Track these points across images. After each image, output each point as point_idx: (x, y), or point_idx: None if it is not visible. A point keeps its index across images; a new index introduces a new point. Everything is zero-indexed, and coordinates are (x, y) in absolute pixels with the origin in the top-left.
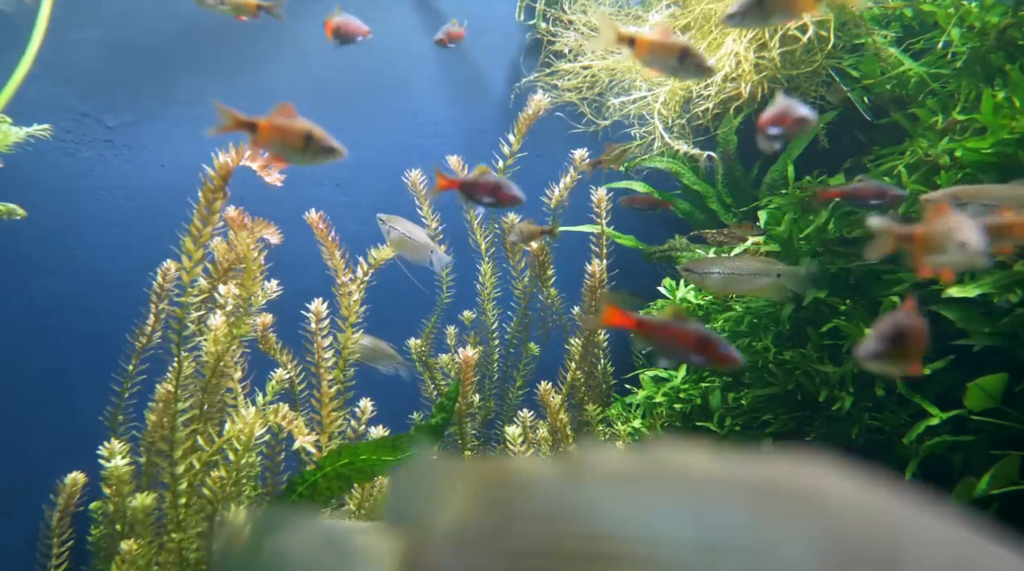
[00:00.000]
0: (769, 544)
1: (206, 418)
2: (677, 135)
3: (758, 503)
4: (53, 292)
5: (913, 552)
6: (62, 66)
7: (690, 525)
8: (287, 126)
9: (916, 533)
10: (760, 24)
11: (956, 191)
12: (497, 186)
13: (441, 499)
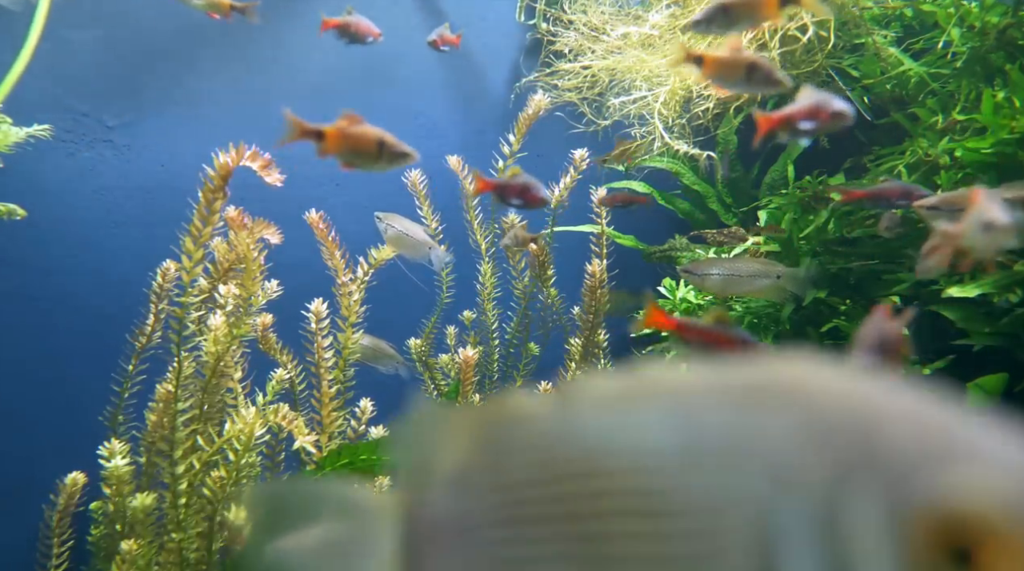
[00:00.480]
0: (748, 437)
1: (206, 418)
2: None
3: (738, 402)
4: (53, 292)
5: (885, 427)
6: (62, 66)
7: (673, 431)
8: (358, 134)
9: (890, 409)
10: (725, 31)
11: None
12: (526, 187)
13: (440, 445)
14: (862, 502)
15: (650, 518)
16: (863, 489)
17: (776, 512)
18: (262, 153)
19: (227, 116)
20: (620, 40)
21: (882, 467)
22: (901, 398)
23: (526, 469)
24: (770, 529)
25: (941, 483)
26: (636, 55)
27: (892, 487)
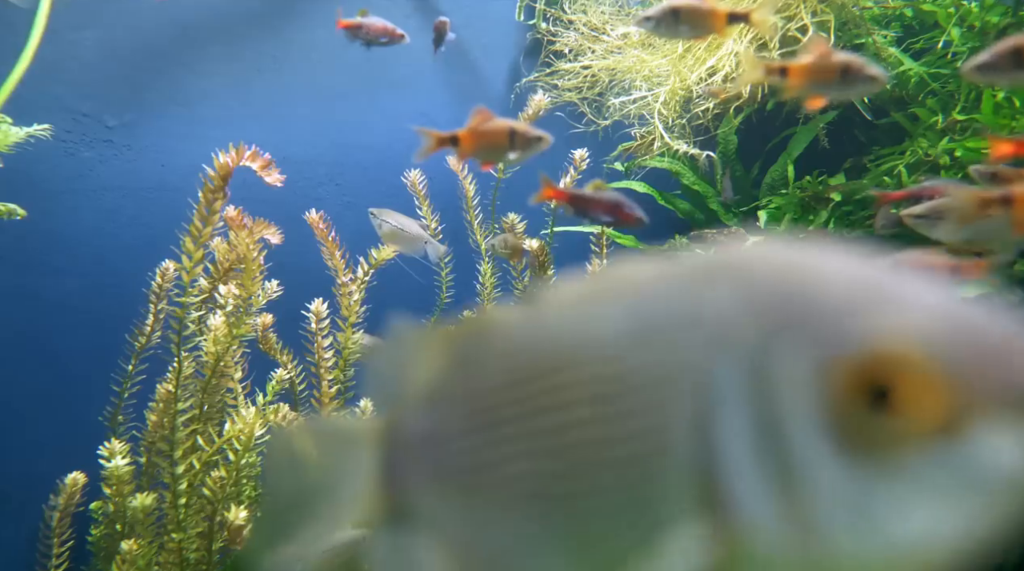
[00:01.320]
0: (690, 312)
1: (206, 418)
2: (677, 135)
3: (685, 282)
4: (53, 292)
5: (817, 284)
6: (62, 66)
7: (625, 317)
8: (488, 129)
9: (823, 269)
10: (671, 36)
11: (933, 206)
12: (617, 205)
13: (416, 365)
14: (790, 356)
15: (604, 403)
16: (791, 344)
17: (713, 378)
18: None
19: (227, 116)
20: (620, 40)
21: (809, 320)
22: (835, 259)
23: (494, 376)
24: (709, 395)
25: (860, 328)
26: (636, 55)
27: (816, 338)
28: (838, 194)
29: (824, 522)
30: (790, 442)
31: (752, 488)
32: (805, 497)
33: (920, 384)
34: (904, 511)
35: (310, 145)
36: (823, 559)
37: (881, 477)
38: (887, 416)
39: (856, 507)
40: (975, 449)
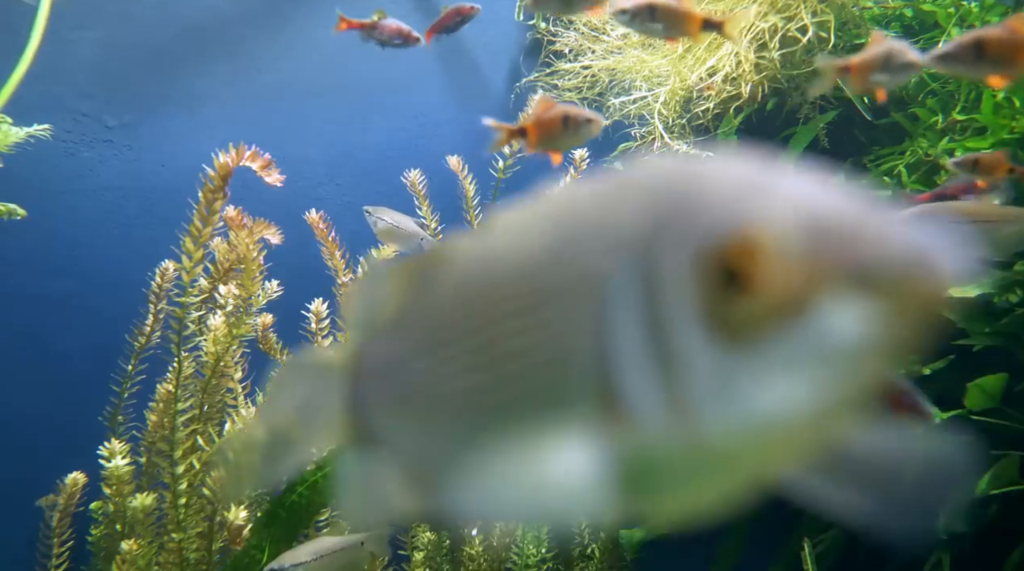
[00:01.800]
0: (600, 223)
1: (206, 418)
2: (677, 135)
3: (603, 197)
4: (53, 292)
5: (702, 185)
6: (62, 66)
7: (545, 235)
8: (546, 117)
9: (712, 173)
10: (644, 32)
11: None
12: None
13: (383, 298)
14: (669, 252)
15: (525, 315)
16: (670, 240)
17: (610, 281)
18: (262, 153)
19: (227, 116)
20: (620, 40)
21: (684, 218)
22: (725, 163)
23: (442, 301)
24: (606, 297)
25: (721, 218)
26: (636, 55)
27: (688, 232)
28: None
29: (699, 406)
30: (670, 333)
31: (640, 381)
32: (683, 384)
33: (770, 265)
34: (765, 387)
35: (310, 145)
36: (701, 440)
37: (744, 358)
38: (745, 299)
39: (725, 388)
40: (822, 324)
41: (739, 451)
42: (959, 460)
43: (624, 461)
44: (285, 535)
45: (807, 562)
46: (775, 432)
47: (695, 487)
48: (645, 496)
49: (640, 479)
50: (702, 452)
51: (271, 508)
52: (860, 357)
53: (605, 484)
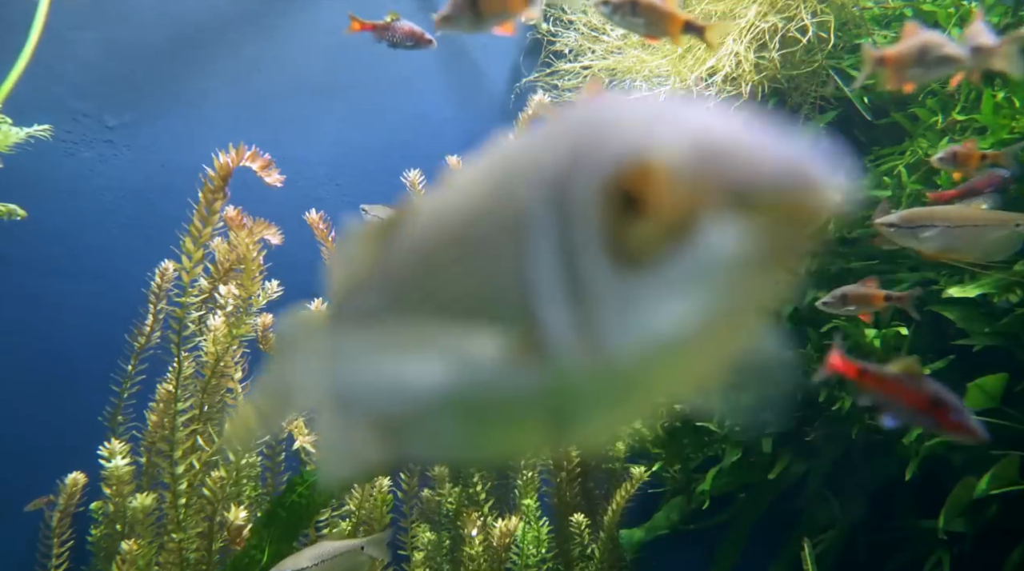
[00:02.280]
0: (531, 161)
1: (206, 418)
2: None
3: (535, 139)
4: (53, 292)
5: (616, 121)
6: (62, 66)
7: (485, 181)
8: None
9: (630, 110)
10: (625, 26)
11: (907, 215)
12: None
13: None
14: (581, 182)
15: (468, 259)
16: (582, 171)
17: (533, 215)
18: (262, 153)
19: (227, 116)
20: (620, 40)
21: (596, 148)
22: (640, 101)
23: (404, 256)
24: (528, 231)
25: (621, 147)
26: (636, 55)
27: (598, 161)
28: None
29: (604, 329)
30: (579, 260)
31: (554, 308)
32: (590, 309)
33: (660, 188)
34: (662, 307)
35: (310, 145)
36: (608, 363)
37: (643, 281)
38: (641, 222)
39: (626, 311)
40: (709, 242)
41: (644, 371)
42: (779, 359)
43: (547, 389)
44: (285, 535)
45: (807, 562)
46: (674, 350)
47: (610, 410)
48: (568, 421)
49: (562, 405)
50: (611, 375)
51: (271, 508)
52: (746, 272)
53: (536, 411)
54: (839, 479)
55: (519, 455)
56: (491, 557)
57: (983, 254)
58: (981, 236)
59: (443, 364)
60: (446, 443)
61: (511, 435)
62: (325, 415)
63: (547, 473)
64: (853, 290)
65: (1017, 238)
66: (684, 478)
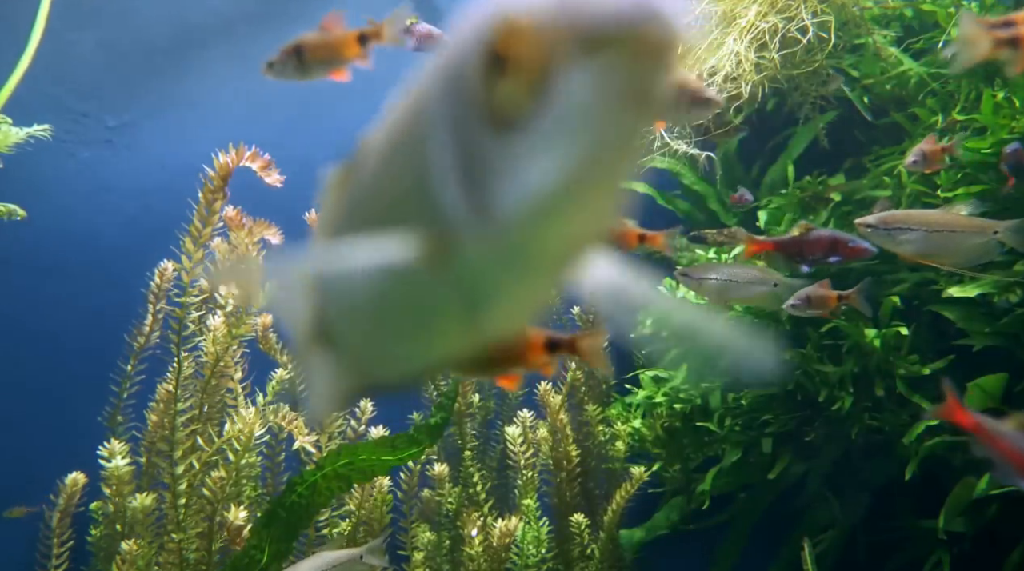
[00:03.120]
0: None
1: (206, 418)
2: (677, 135)
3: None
4: (53, 292)
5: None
6: (62, 66)
7: (412, 98)
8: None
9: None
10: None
11: (886, 217)
12: (836, 241)
13: (331, 202)
14: (464, 58)
15: (397, 173)
16: (462, 43)
17: (435, 108)
18: (262, 153)
19: (227, 116)
20: None
21: (471, 19)
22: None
23: (357, 189)
24: (432, 124)
25: (497, 9)
26: None
27: (475, 32)
28: (838, 194)
29: (493, 197)
30: (465, 133)
31: (450, 189)
32: (479, 180)
33: (522, 43)
34: (538, 163)
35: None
36: (501, 230)
37: (518, 140)
38: (511, 80)
39: (509, 173)
40: (568, 91)
41: (534, 234)
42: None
43: (458, 277)
44: (285, 535)
45: (807, 562)
46: (557, 205)
47: (515, 287)
48: (482, 306)
49: (473, 290)
50: (507, 245)
51: (271, 508)
52: (608, 115)
53: (452, 302)
54: (839, 479)
55: (451, 359)
56: (491, 557)
57: (961, 259)
58: (959, 241)
59: (367, 271)
60: (388, 354)
61: (439, 335)
62: (304, 350)
63: (547, 473)
64: (814, 292)
65: (995, 245)
66: (684, 478)
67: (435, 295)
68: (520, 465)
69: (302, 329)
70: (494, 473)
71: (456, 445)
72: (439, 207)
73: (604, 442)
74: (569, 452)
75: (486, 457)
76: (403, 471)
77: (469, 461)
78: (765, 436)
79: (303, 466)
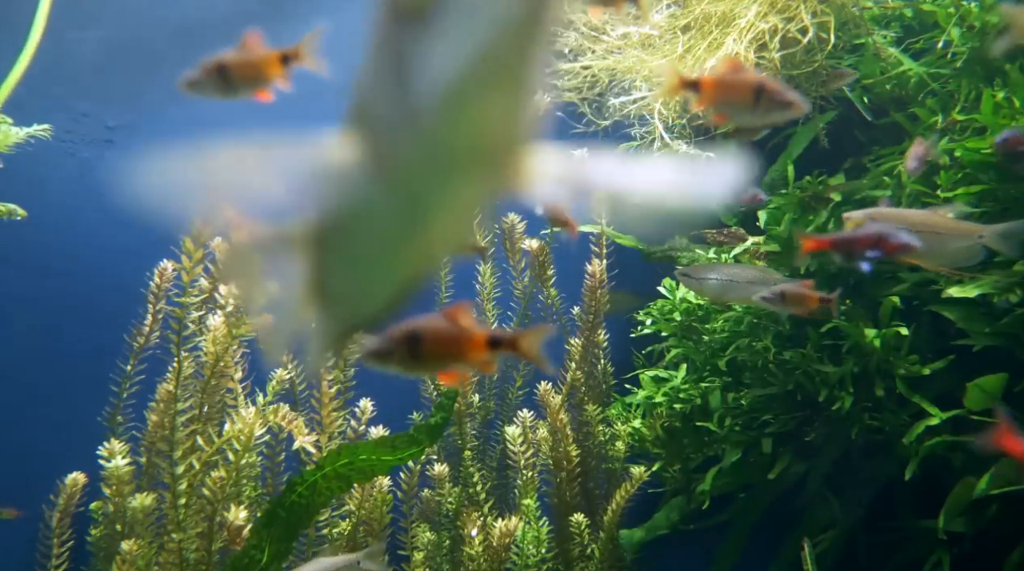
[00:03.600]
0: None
1: (206, 418)
2: (677, 135)
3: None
4: (53, 292)
5: None
6: (62, 66)
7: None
8: (734, 80)
9: None
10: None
11: (872, 213)
12: (880, 237)
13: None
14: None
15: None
16: None
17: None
18: None
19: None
20: (620, 40)
21: None
22: None
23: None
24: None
25: None
26: (636, 55)
27: None
28: (838, 194)
29: (414, 94)
30: (386, 35)
31: (377, 89)
32: (404, 80)
33: None
34: (445, 52)
35: None
36: (426, 127)
37: (428, 32)
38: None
39: (424, 67)
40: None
41: (456, 126)
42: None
43: (402, 186)
44: (285, 535)
45: (807, 562)
46: (469, 93)
47: (451, 191)
48: (426, 218)
49: (417, 200)
50: (434, 141)
51: (271, 508)
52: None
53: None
54: (839, 479)
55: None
56: (491, 557)
57: (945, 261)
58: (944, 244)
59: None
60: (364, 289)
61: (399, 256)
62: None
63: (547, 473)
64: (791, 289)
65: (979, 249)
66: (684, 478)
67: (388, 212)
68: (520, 465)
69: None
70: (494, 473)
71: (456, 445)
72: (378, 108)
73: (604, 442)
74: (569, 452)
75: (486, 457)
76: (403, 471)
77: (469, 461)
78: (765, 436)
79: (303, 466)
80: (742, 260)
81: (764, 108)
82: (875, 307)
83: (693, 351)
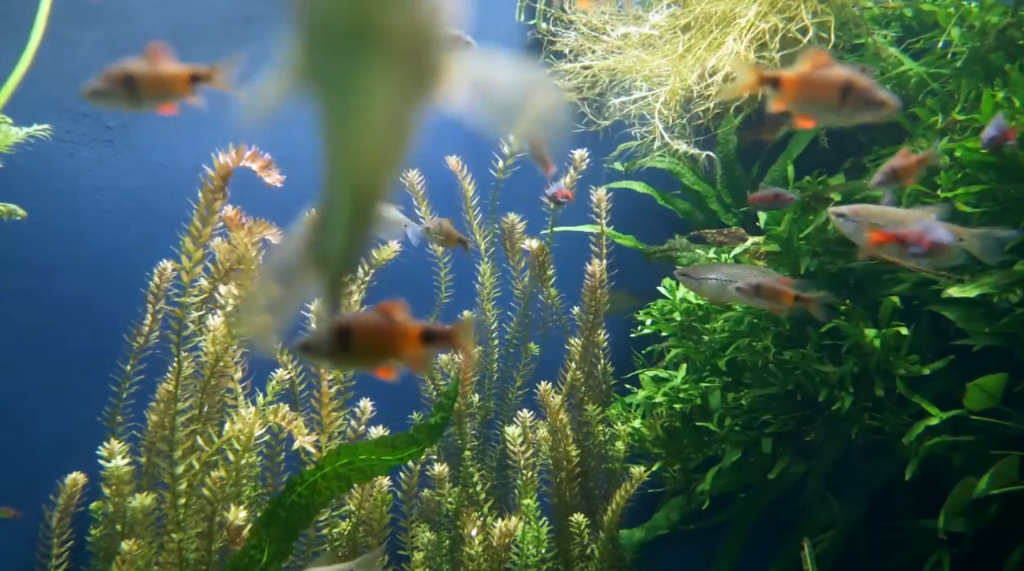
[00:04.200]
0: None
1: (206, 418)
2: (677, 135)
3: None
4: (53, 292)
5: None
6: (62, 66)
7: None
8: (819, 78)
9: None
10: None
11: (858, 208)
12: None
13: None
14: None
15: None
16: None
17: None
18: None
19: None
20: (620, 40)
21: None
22: None
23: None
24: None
25: None
26: (636, 55)
27: None
28: (838, 194)
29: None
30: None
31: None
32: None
33: None
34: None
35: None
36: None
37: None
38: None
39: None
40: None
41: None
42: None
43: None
44: (285, 535)
45: (807, 562)
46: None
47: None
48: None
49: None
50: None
51: (271, 508)
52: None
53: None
54: (839, 479)
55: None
56: (491, 557)
57: (927, 261)
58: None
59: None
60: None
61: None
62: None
63: (547, 473)
64: (767, 283)
65: (959, 252)
66: (684, 478)
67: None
68: (520, 465)
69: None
70: (494, 473)
71: (456, 445)
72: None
73: (604, 442)
74: (569, 452)
75: (486, 457)
76: (403, 471)
77: (469, 461)
78: (765, 436)
79: (303, 466)
80: (742, 260)
81: (851, 107)
82: (875, 307)
83: (693, 351)
